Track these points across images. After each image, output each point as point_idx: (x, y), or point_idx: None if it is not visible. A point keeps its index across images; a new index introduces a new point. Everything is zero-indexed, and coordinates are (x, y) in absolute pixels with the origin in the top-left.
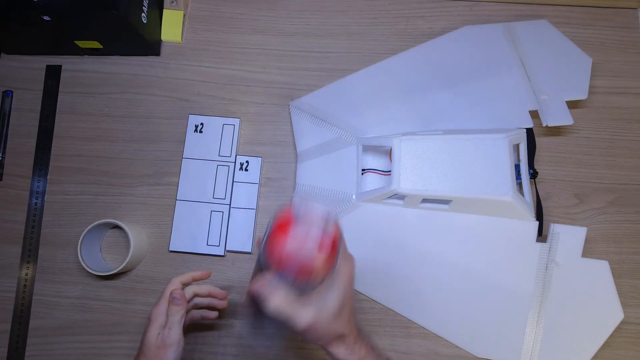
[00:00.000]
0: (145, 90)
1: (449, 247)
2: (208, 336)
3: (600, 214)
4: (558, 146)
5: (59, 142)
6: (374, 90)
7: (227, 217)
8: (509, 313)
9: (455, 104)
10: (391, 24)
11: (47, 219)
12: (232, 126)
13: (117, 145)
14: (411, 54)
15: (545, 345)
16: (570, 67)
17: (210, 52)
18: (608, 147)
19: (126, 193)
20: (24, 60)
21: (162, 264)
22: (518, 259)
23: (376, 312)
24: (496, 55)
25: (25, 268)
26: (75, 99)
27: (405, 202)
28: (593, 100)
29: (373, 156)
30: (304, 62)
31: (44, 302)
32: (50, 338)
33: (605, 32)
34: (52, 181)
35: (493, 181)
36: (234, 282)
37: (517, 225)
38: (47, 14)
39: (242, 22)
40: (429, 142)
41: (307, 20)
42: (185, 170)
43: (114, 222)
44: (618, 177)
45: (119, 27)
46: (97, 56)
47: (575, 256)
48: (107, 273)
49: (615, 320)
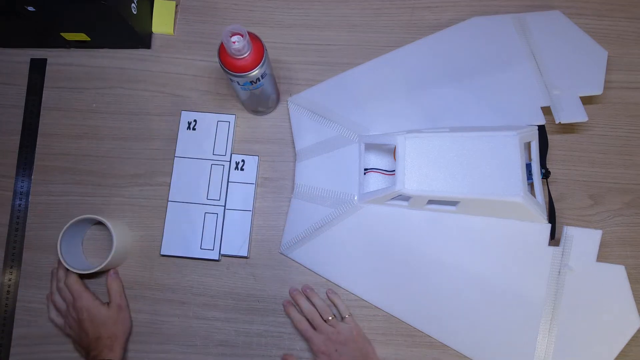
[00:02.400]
0: (135, 85)
1: (456, 251)
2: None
3: (616, 215)
4: (571, 144)
5: (44, 140)
6: (377, 85)
7: (221, 219)
8: (519, 321)
9: (463, 100)
10: (395, 14)
11: (31, 221)
12: (227, 123)
13: (105, 143)
14: (416, 47)
15: (558, 354)
16: (584, 61)
17: (204, 45)
18: (624, 145)
19: (115, 194)
20: (6, 53)
21: (153, 269)
22: (529, 264)
23: (379, 320)
24: (506, 48)
25: (9, 273)
26: (61, 94)
27: (411, 204)
28: (608, 96)
29: (376, 155)
30: (303, 55)
31: (28, 309)
32: (35, 347)
33: (621, 23)
34: (37, 181)
35: (503, 181)
36: (229, 288)
37: (528, 227)
38: (31, 4)
39: (238, 13)
40: (436, 140)
41: (306, 11)
42: (177, 169)
43: (95, 218)
44: (635, 176)
45: (108, 18)
46: (84, 49)
47: (590, 260)
48: (88, 271)
49: (633, 328)
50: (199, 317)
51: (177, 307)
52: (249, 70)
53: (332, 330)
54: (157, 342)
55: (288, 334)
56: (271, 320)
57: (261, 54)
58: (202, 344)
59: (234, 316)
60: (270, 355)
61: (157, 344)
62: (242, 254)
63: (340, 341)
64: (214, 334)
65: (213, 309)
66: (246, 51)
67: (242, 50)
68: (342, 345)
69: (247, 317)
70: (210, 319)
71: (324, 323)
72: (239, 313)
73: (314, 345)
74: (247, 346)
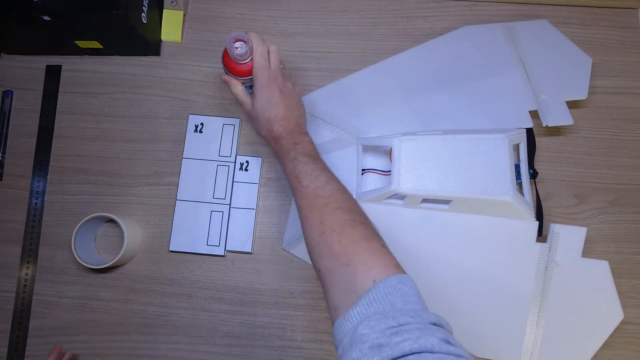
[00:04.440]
0: (145, 90)
1: (448, 247)
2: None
3: (601, 214)
4: (558, 146)
5: (59, 142)
6: (374, 90)
7: (227, 217)
8: (508, 313)
9: (455, 104)
10: (391, 24)
11: (47, 219)
12: (232, 126)
13: (117, 145)
14: (411, 54)
15: (545, 345)
16: (570, 67)
17: (210, 52)
18: (608, 147)
19: (126, 193)
20: (24, 60)
21: (162, 264)
22: (518, 259)
23: None
24: (496, 55)
25: (25, 268)
26: (75, 98)
27: (405, 202)
28: (593, 100)
29: (373, 156)
30: (303, 62)
31: (43, 302)
32: (50, 338)
33: (605, 32)
34: (52, 181)
35: (493, 181)
36: (234, 282)
37: (517, 225)
38: (47, 14)
39: (242, 22)
40: (429, 142)
41: (307, 21)
42: (185, 170)
43: (107, 216)
44: (618, 177)
45: (119, 27)
46: (97, 56)
47: (575, 256)
48: (101, 266)
49: (615, 320)
50: (205, 310)
51: (185, 300)
52: (250, 75)
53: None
54: (165, 333)
55: (290, 326)
56: (274, 312)
57: None
58: (208, 335)
59: (238, 309)
60: (272, 346)
61: (165, 335)
62: (246, 250)
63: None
64: (220, 325)
65: (219, 302)
66: (248, 56)
67: (245, 56)
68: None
69: (250, 309)
70: (216, 311)
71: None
72: (243, 306)
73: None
74: (251, 337)
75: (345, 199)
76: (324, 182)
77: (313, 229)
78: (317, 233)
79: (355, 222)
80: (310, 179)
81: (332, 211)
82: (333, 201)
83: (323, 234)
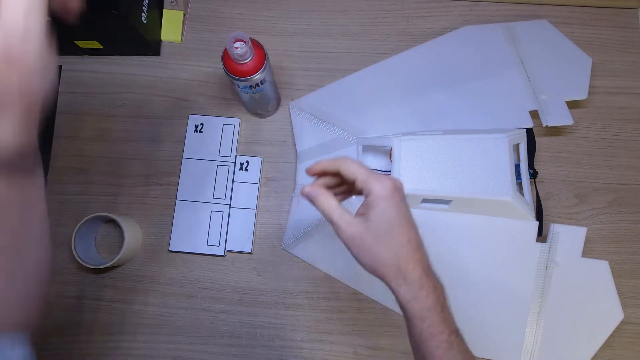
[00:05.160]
0: (145, 91)
1: (448, 247)
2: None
3: (601, 214)
4: (558, 146)
5: (59, 142)
6: (374, 90)
7: (227, 217)
8: (508, 313)
9: (455, 104)
10: (391, 24)
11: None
12: (232, 126)
13: (117, 146)
14: (411, 54)
15: (545, 345)
16: (570, 67)
17: (210, 52)
18: (608, 147)
19: (126, 193)
20: None
21: (162, 264)
22: (518, 259)
23: (376, 312)
24: (496, 55)
25: None
26: (75, 99)
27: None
28: (593, 100)
29: (373, 156)
30: (304, 62)
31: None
32: (49, 338)
33: (605, 32)
34: (53, 181)
35: (493, 181)
36: (234, 282)
37: (517, 225)
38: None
39: (242, 22)
40: (429, 142)
41: (307, 21)
42: (185, 170)
43: (107, 216)
44: (618, 177)
45: (119, 28)
46: (97, 56)
47: (575, 256)
48: (101, 266)
49: (616, 320)
50: (205, 310)
51: (185, 300)
52: (250, 75)
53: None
54: (166, 333)
55: (290, 326)
56: (273, 312)
57: (262, 60)
58: (209, 335)
59: (238, 309)
60: (272, 346)
61: (166, 335)
62: (246, 250)
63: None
64: (220, 325)
65: (219, 302)
66: (248, 57)
67: (245, 56)
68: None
69: (250, 309)
70: (216, 311)
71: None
72: (243, 306)
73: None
74: (251, 337)
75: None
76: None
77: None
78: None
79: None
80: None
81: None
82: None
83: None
